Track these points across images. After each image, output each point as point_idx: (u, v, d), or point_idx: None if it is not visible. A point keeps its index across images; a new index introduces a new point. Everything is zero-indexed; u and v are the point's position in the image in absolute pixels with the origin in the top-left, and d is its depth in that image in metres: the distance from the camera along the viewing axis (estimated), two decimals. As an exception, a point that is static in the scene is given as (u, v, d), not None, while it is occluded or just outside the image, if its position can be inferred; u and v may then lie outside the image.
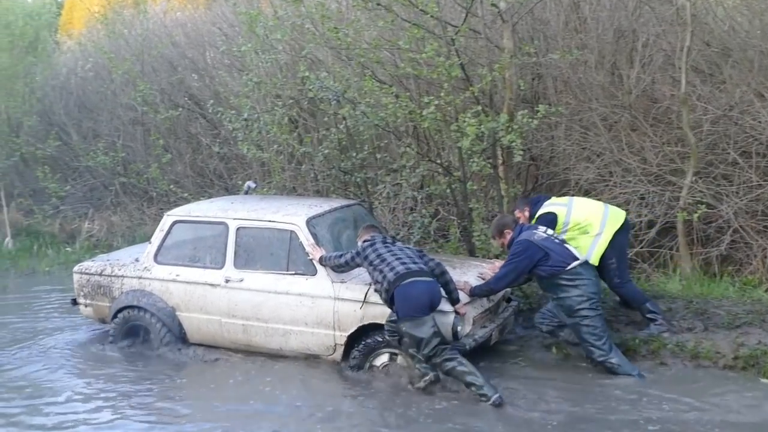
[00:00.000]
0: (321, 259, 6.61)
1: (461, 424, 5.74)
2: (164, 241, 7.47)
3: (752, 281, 7.78)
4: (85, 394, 6.77)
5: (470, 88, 8.24)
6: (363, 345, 6.53)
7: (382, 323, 6.34)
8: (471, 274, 6.89)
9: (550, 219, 6.89)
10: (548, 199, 7.32)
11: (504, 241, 6.70)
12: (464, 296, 6.43)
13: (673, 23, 8.50)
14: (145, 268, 7.49)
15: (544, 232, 6.57)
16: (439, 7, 8.38)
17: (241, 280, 6.98)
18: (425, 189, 9.46)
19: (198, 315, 7.21)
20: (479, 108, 8.23)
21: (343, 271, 6.57)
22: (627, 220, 7.19)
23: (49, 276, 11.83)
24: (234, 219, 7.14)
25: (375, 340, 6.48)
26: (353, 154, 9.35)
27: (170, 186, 12.38)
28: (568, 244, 6.57)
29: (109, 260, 7.96)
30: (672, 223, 8.35)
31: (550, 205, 7.11)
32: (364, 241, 6.50)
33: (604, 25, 9.06)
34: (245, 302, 6.96)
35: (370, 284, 6.39)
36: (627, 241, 7.37)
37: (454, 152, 8.83)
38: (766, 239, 7.93)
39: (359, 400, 6.25)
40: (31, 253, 13.28)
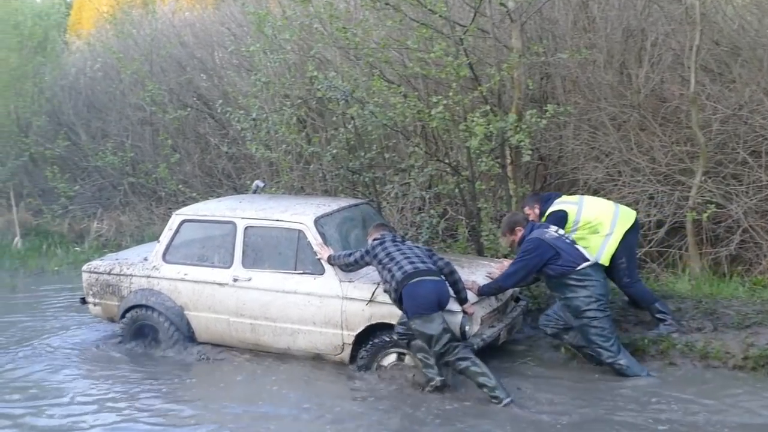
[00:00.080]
0: (329, 258, 6.59)
1: (470, 426, 5.72)
2: (173, 240, 7.48)
3: (762, 281, 7.74)
4: (90, 395, 6.74)
5: (479, 88, 8.24)
6: (371, 344, 6.52)
7: (390, 323, 6.34)
8: (479, 273, 6.88)
9: (560, 216, 6.87)
10: (559, 196, 7.30)
11: (515, 238, 6.67)
12: (472, 296, 6.41)
13: (683, 22, 8.46)
14: (154, 267, 7.50)
15: (555, 232, 6.55)
16: (448, 7, 8.36)
17: (249, 280, 6.98)
18: (433, 189, 9.44)
19: (206, 314, 7.22)
20: (488, 108, 8.23)
21: (351, 270, 6.56)
22: (637, 220, 7.17)
23: (58, 275, 11.87)
24: (242, 218, 7.14)
25: (383, 340, 6.47)
26: (361, 154, 9.35)
27: (179, 186, 12.40)
28: (578, 245, 6.56)
29: (117, 259, 7.98)
30: (681, 223, 8.32)
31: (560, 203, 7.09)
32: (373, 240, 6.49)
33: (613, 24, 9.03)
34: (253, 301, 6.96)
35: (378, 283, 6.39)
36: (637, 241, 7.34)
37: (463, 152, 8.82)
38: (776, 239, 7.91)
39: (368, 401, 6.23)
40: (40, 252, 13.34)
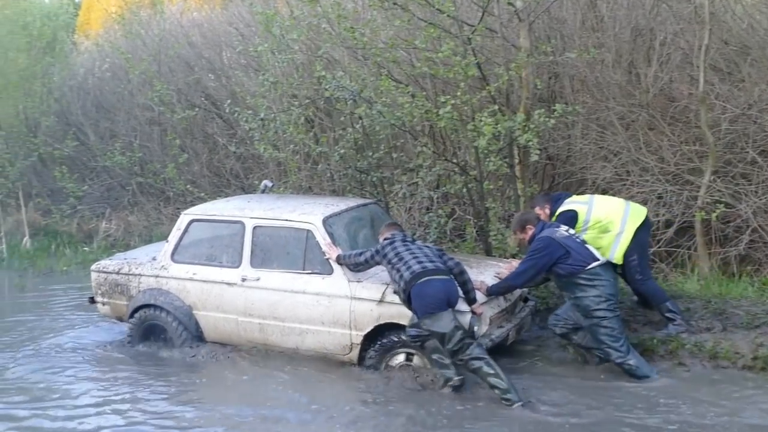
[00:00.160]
0: (338, 258, 6.58)
1: (478, 428, 5.70)
2: (181, 240, 7.48)
3: (771, 281, 7.73)
4: (95, 397, 6.69)
5: (487, 88, 8.23)
6: (379, 344, 6.51)
7: (399, 323, 6.33)
8: (488, 273, 6.87)
9: (571, 216, 6.86)
10: (569, 196, 7.29)
11: (525, 237, 6.65)
12: (481, 296, 6.40)
13: (691, 21, 8.44)
14: (162, 266, 7.51)
15: (566, 231, 6.54)
16: (456, 6, 8.35)
17: (258, 279, 6.98)
18: (441, 188, 9.42)
19: (215, 314, 7.22)
20: (496, 107, 8.22)
21: (360, 270, 6.55)
22: (648, 217, 7.15)
23: (67, 275, 11.93)
24: (250, 218, 7.14)
25: (391, 340, 6.46)
26: (369, 154, 9.34)
27: (187, 186, 12.41)
28: (588, 245, 6.54)
29: (126, 259, 7.98)
30: (690, 223, 8.30)
31: (570, 203, 7.08)
32: (384, 239, 6.48)
33: (622, 23, 9.02)
34: (261, 301, 6.96)
35: (387, 283, 6.39)
36: (649, 238, 7.33)
37: (471, 151, 8.81)
38: (786, 239, 7.89)
39: (377, 402, 6.19)
40: (49, 252, 13.41)
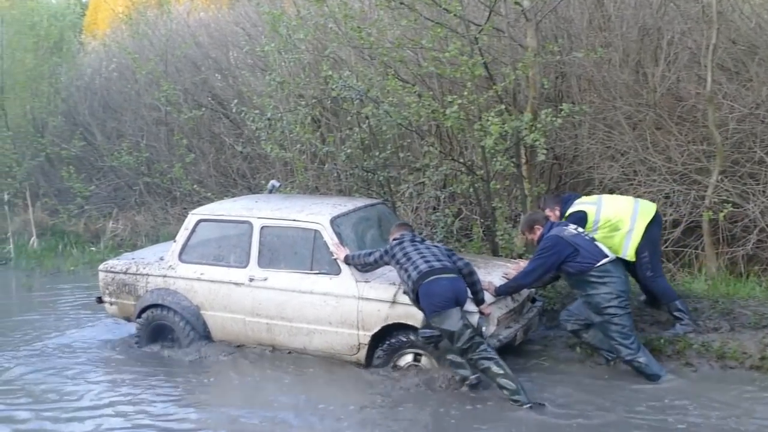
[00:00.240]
0: (347, 258, 6.57)
1: (486, 427, 5.69)
2: (189, 240, 7.48)
3: (779, 281, 7.72)
4: (97, 399, 6.64)
5: (493, 87, 8.23)
6: (387, 344, 6.51)
7: (407, 323, 6.34)
8: (495, 274, 6.86)
9: (580, 217, 6.86)
10: (578, 197, 7.30)
11: (534, 237, 6.66)
12: (489, 297, 6.40)
13: (699, 21, 8.43)
14: (170, 266, 7.51)
15: (574, 229, 6.54)
16: (463, 6, 8.34)
17: (265, 279, 6.98)
18: (448, 188, 9.43)
19: (222, 314, 7.22)
20: (503, 107, 8.22)
21: (369, 270, 6.55)
22: (658, 213, 7.13)
23: (74, 275, 11.95)
24: (258, 218, 7.14)
25: (400, 340, 6.46)
26: (376, 154, 9.34)
27: (194, 186, 12.42)
28: (598, 242, 6.54)
29: (134, 259, 7.98)
30: (697, 223, 8.30)
31: (579, 203, 7.08)
32: (393, 239, 6.48)
33: (629, 23, 9.01)
34: (269, 301, 6.96)
35: (395, 284, 6.40)
36: (659, 234, 7.30)
37: (477, 151, 8.82)
38: (794, 239, 7.87)
39: (384, 403, 6.17)
40: (56, 252, 13.45)
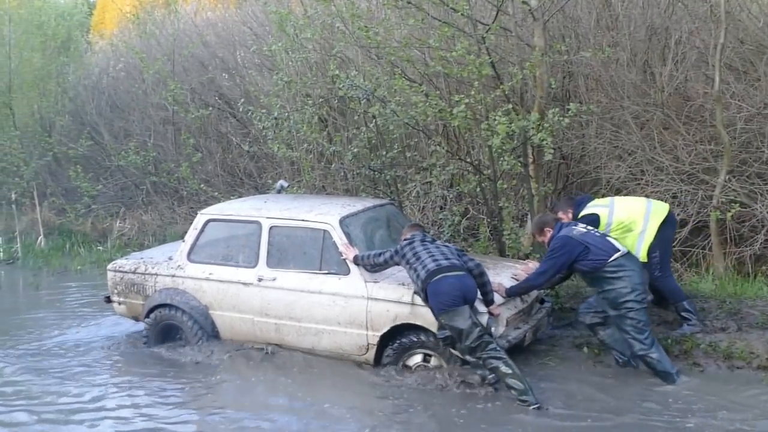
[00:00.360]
0: (356, 259, 6.57)
1: (494, 428, 5.69)
2: (197, 240, 7.49)
3: (787, 281, 7.71)
4: (96, 401, 6.59)
5: (501, 87, 8.23)
6: (398, 344, 6.50)
7: (416, 323, 6.35)
8: (505, 275, 6.86)
9: (592, 220, 6.84)
10: (591, 200, 7.30)
11: (544, 239, 6.65)
12: (498, 298, 6.40)
13: (707, 20, 8.43)
14: (179, 266, 7.52)
15: (583, 228, 6.53)
16: (470, 5, 8.35)
17: (274, 279, 6.98)
18: (455, 188, 9.45)
19: (231, 313, 7.23)
20: (510, 106, 8.22)
21: (378, 271, 6.55)
22: (671, 213, 7.10)
23: (81, 274, 12.01)
24: (267, 218, 7.15)
25: (410, 340, 6.46)
26: (383, 153, 9.35)
27: (201, 185, 12.45)
28: (609, 237, 6.53)
29: (142, 258, 7.99)
30: (705, 222, 8.29)
31: (592, 206, 7.07)
32: (404, 240, 6.48)
33: (637, 22, 9.00)
34: (278, 301, 6.96)
35: (404, 284, 6.40)
36: (672, 235, 7.28)
37: (485, 151, 8.82)
38: (802, 238, 7.86)
39: (392, 403, 6.16)
40: (64, 251, 13.52)
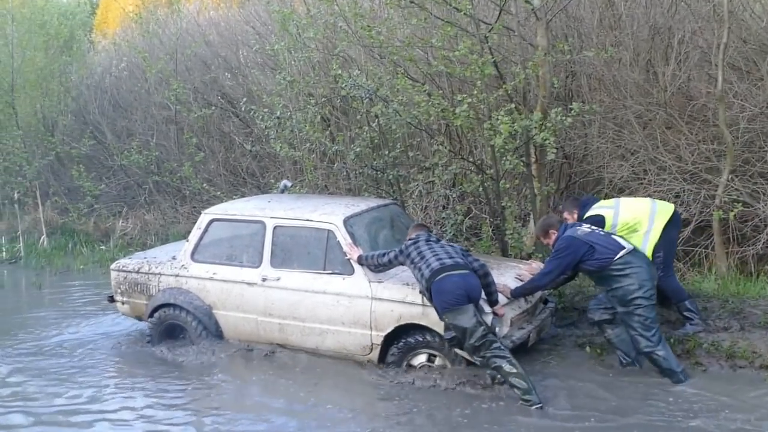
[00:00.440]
0: (360, 259, 6.58)
1: (496, 428, 5.69)
2: (201, 240, 7.50)
3: (790, 280, 7.71)
4: (96, 402, 6.55)
5: (503, 86, 8.24)
6: (403, 343, 6.51)
7: (420, 323, 6.35)
8: (508, 275, 6.87)
9: (597, 221, 6.82)
10: (596, 201, 7.30)
11: (549, 241, 6.66)
12: (503, 298, 6.41)
13: (710, 20, 8.44)
14: (182, 266, 7.53)
15: (587, 227, 6.53)
16: (473, 5, 8.34)
17: (278, 279, 6.99)
18: (458, 187, 9.45)
19: (235, 313, 7.24)
20: (512, 106, 8.24)
21: (382, 271, 6.55)
22: (676, 213, 7.09)
23: (84, 274, 12.02)
24: (271, 218, 7.15)
25: (416, 339, 6.46)
26: (385, 153, 9.36)
27: (203, 184, 12.46)
28: (614, 235, 6.53)
29: (146, 258, 8.00)
30: (707, 222, 8.29)
31: (597, 207, 7.07)
32: (409, 239, 6.48)
33: (640, 22, 9.00)
34: (282, 301, 6.97)
35: (408, 284, 6.41)
36: (677, 235, 7.28)
37: (487, 150, 8.83)
38: (804, 238, 7.86)
39: (395, 403, 6.15)
40: (66, 251, 13.53)
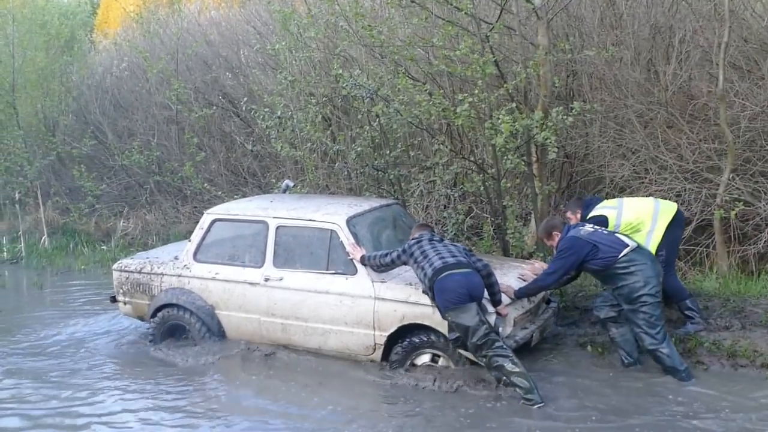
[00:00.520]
0: (363, 259, 6.58)
1: (498, 426, 5.70)
2: (204, 240, 7.50)
3: (791, 279, 7.72)
4: (94, 404, 6.54)
5: (504, 85, 8.24)
6: (408, 342, 6.50)
7: (423, 323, 6.36)
8: (512, 275, 6.87)
9: (600, 221, 6.84)
10: (600, 201, 7.31)
11: (553, 243, 6.67)
12: (506, 298, 6.41)
13: (711, 19, 8.44)
14: (185, 266, 7.53)
15: (590, 227, 6.53)
16: (474, 4, 8.34)
17: (281, 279, 6.99)
18: (459, 186, 9.46)
19: (237, 313, 7.24)
20: (513, 105, 8.24)
21: (384, 271, 6.56)
22: (679, 212, 7.09)
23: (85, 274, 12.04)
24: (274, 218, 7.16)
25: (421, 339, 6.46)
26: (386, 152, 9.36)
27: (204, 184, 12.44)
28: (618, 234, 6.53)
29: (148, 258, 8.00)
30: (709, 221, 8.30)
31: (601, 207, 7.09)
32: (412, 239, 6.49)
33: (641, 21, 9.01)
34: (284, 301, 6.98)
35: (411, 284, 6.42)
36: (680, 234, 7.28)
37: (488, 150, 8.83)
38: (806, 237, 7.87)
39: (397, 402, 6.16)
40: (67, 251, 13.55)
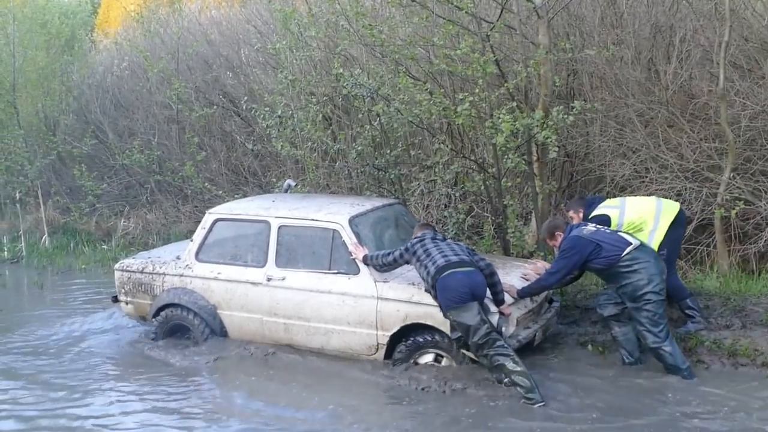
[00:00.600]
0: (365, 258, 6.58)
1: (500, 425, 5.70)
2: (206, 239, 7.50)
3: (792, 278, 7.73)
4: (92, 405, 6.52)
5: (505, 85, 8.24)
6: (411, 341, 6.50)
7: (426, 323, 6.37)
8: (514, 274, 6.88)
9: (603, 220, 6.85)
10: (602, 200, 7.32)
11: (555, 243, 6.67)
12: (509, 298, 6.42)
13: (712, 18, 8.45)
14: (187, 265, 7.53)
15: (593, 227, 6.53)
16: (474, 3, 8.35)
17: (283, 279, 7.00)
18: (459, 186, 9.45)
19: (239, 313, 7.24)
20: (514, 104, 8.24)
21: (387, 270, 6.56)
22: (681, 212, 7.10)
23: (86, 273, 12.04)
24: (276, 217, 7.16)
25: (424, 339, 6.46)
26: (387, 151, 9.35)
27: (205, 184, 12.43)
28: (620, 232, 6.54)
29: (150, 258, 7.99)
30: (709, 220, 8.31)
31: (603, 207, 7.10)
32: (414, 238, 6.50)
33: (641, 20, 9.02)
34: (287, 301, 6.98)
35: (414, 283, 6.42)
36: (682, 234, 7.29)
37: (489, 149, 8.83)
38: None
39: (398, 402, 6.16)
40: (68, 250, 13.54)
